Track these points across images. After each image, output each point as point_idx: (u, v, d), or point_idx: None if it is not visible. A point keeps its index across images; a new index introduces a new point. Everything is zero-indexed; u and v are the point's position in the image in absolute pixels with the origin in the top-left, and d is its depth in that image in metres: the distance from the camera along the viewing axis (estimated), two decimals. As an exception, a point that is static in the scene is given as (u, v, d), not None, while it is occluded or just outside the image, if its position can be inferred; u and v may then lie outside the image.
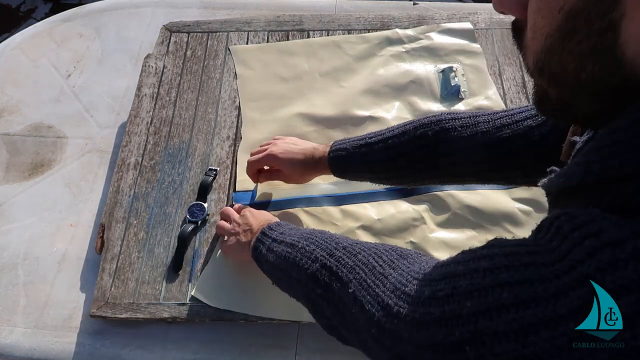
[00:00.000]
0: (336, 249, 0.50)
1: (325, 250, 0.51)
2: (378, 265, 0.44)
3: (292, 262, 0.54)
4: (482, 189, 0.82)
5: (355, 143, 0.69)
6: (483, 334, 0.30)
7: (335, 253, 0.50)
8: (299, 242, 0.55)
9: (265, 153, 0.78)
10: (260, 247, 0.63)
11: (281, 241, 0.59)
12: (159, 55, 1.02)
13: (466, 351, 0.30)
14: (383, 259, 0.45)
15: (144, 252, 0.79)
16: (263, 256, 0.62)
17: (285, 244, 0.58)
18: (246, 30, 1.06)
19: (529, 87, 0.94)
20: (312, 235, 0.55)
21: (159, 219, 0.82)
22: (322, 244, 0.53)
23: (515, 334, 0.28)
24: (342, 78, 0.98)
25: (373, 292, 0.42)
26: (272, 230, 0.64)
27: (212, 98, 0.96)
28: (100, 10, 1.16)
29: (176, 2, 1.16)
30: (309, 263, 0.51)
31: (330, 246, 0.51)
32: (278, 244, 0.59)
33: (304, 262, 0.52)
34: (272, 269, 0.60)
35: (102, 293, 0.75)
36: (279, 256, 0.57)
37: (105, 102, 1.00)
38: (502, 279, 0.30)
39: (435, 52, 1.00)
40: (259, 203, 0.82)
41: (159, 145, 0.90)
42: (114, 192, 0.85)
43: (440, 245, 0.77)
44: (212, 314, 0.72)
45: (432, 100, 0.93)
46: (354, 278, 0.45)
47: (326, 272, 0.49)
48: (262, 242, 0.63)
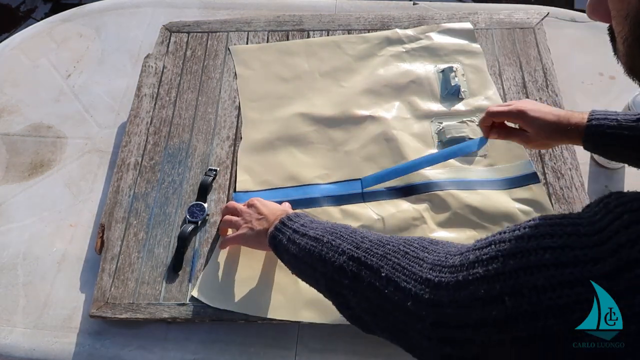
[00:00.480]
0: (362, 242, 0.51)
1: (352, 244, 0.51)
2: (410, 251, 0.46)
3: (317, 256, 0.54)
4: (483, 188, 0.82)
5: (627, 117, 0.63)
6: (523, 287, 0.33)
7: (362, 245, 0.51)
8: (324, 237, 0.55)
9: (512, 107, 0.71)
10: (280, 236, 0.63)
11: (303, 234, 0.59)
12: (159, 55, 1.02)
13: (505, 302, 0.33)
14: (414, 246, 0.47)
15: (144, 252, 0.79)
16: (283, 246, 0.62)
17: (308, 237, 0.58)
18: (246, 30, 1.06)
19: (529, 87, 0.94)
20: (336, 230, 0.56)
21: (159, 219, 0.82)
22: (348, 237, 0.53)
23: (553, 288, 0.32)
24: (342, 78, 0.98)
25: (409, 272, 0.43)
26: (291, 221, 0.64)
27: (212, 98, 0.96)
28: (100, 10, 1.16)
29: (176, 2, 1.16)
30: (335, 256, 0.51)
31: (357, 239, 0.52)
32: (300, 237, 0.59)
33: (330, 255, 0.52)
34: (294, 260, 0.60)
35: (102, 293, 0.75)
36: (302, 249, 0.57)
37: (105, 102, 1.00)
38: (546, 243, 0.34)
39: (435, 52, 1.00)
40: None
41: (159, 145, 0.90)
42: (113, 192, 0.85)
43: None
44: (211, 315, 0.72)
45: (432, 100, 0.94)
46: (386, 264, 0.46)
47: (354, 263, 0.49)
48: (282, 232, 0.63)
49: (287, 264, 0.63)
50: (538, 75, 0.96)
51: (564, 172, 0.84)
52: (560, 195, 0.82)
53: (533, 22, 1.03)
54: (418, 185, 0.82)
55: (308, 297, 0.72)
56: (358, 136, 0.89)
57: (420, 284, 0.41)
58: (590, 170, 0.88)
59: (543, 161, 0.85)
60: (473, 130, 0.88)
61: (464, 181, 0.83)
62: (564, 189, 0.82)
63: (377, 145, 0.88)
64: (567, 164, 0.85)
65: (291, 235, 0.61)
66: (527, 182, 0.82)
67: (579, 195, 0.81)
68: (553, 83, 0.94)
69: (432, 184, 0.82)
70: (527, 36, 1.02)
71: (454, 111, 0.92)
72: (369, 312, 0.48)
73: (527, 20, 1.04)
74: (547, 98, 0.92)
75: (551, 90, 0.93)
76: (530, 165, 0.84)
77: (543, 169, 0.84)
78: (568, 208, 0.80)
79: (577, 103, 0.95)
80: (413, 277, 0.43)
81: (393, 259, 0.46)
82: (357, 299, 0.49)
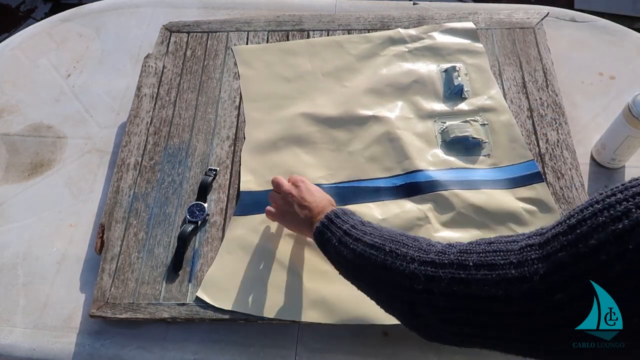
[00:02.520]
0: (429, 245, 0.51)
1: (419, 251, 0.51)
2: (484, 244, 0.46)
3: (380, 265, 0.53)
4: (486, 188, 0.82)
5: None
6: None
7: (431, 249, 0.50)
8: (384, 245, 0.54)
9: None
10: (329, 235, 0.62)
11: (357, 239, 0.58)
12: (159, 55, 1.02)
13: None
14: (484, 240, 0.47)
15: (144, 252, 0.79)
16: (333, 247, 0.60)
17: (364, 243, 0.56)
18: (246, 30, 1.06)
19: (529, 87, 0.94)
20: (394, 236, 0.55)
21: (159, 219, 0.82)
22: (409, 243, 0.52)
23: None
24: (345, 78, 0.98)
25: (497, 263, 0.43)
26: (339, 219, 0.63)
27: (212, 98, 0.96)
28: (100, 10, 1.16)
29: (176, 2, 1.16)
30: (404, 265, 0.50)
31: (422, 245, 0.51)
32: (354, 241, 0.58)
33: (399, 264, 0.51)
34: (347, 264, 0.58)
35: (102, 293, 0.75)
36: (358, 256, 0.56)
37: (105, 102, 1.00)
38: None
39: (438, 51, 1.00)
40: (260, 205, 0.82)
41: (159, 145, 0.90)
42: (113, 192, 0.85)
43: None
44: (211, 314, 0.72)
45: (435, 99, 0.93)
46: (468, 258, 0.46)
47: (427, 267, 0.48)
48: (331, 231, 0.62)
49: (336, 264, 0.62)
50: (538, 75, 0.96)
51: (564, 172, 0.84)
52: (560, 195, 0.82)
53: (533, 22, 1.04)
54: (422, 185, 0.82)
55: (311, 298, 0.72)
56: (361, 136, 0.89)
57: (517, 268, 0.42)
58: (590, 170, 0.88)
59: (543, 161, 0.85)
60: (477, 130, 0.88)
61: (468, 180, 0.83)
62: (564, 189, 0.82)
63: (380, 145, 0.88)
64: (567, 164, 0.85)
65: (342, 238, 0.59)
66: (530, 182, 0.82)
67: (579, 195, 0.81)
68: (553, 83, 0.94)
69: (436, 183, 0.82)
70: (527, 36, 1.02)
71: (457, 110, 0.92)
72: (448, 309, 0.47)
73: (527, 20, 1.04)
74: (547, 98, 0.92)
75: (551, 90, 0.93)
76: (534, 165, 0.84)
77: (543, 169, 0.84)
78: (568, 208, 0.80)
79: (577, 103, 0.95)
80: (508, 258, 0.43)
81: (474, 254, 0.46)
82: (433, 301, 0.47)
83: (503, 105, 0.91)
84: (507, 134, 0.88)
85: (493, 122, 0.90)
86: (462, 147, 0.87)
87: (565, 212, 0.52)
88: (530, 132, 0.89)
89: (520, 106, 0.92)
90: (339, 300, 0.72)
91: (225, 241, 0.79)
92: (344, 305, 0.71)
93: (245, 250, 0.78)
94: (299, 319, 0.71)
